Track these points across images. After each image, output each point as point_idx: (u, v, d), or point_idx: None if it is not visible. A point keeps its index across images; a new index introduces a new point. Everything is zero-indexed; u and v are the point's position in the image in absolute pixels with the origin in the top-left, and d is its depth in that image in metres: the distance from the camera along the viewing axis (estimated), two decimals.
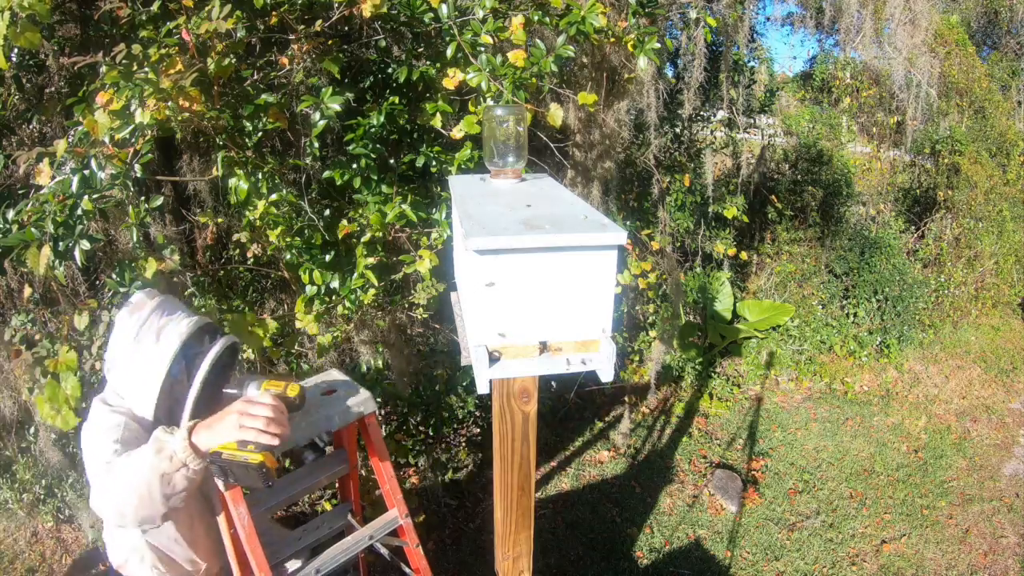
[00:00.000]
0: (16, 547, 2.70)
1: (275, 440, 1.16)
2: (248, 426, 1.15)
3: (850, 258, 5.22)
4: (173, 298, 1.50)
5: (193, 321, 1.42)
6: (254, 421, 1.16)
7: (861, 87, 6.20)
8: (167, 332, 1.38)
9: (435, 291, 2.37)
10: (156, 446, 1.15)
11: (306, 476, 1.45)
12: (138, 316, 1.40)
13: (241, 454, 1.13)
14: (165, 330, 1.38)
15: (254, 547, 1.19)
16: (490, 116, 1.51)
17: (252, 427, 1.15)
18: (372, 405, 1.34)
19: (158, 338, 1.37)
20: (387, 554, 1.50)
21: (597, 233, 1.10)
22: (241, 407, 1.17)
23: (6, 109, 2.19)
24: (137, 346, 1.38)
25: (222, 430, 1.17)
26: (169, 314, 1.42)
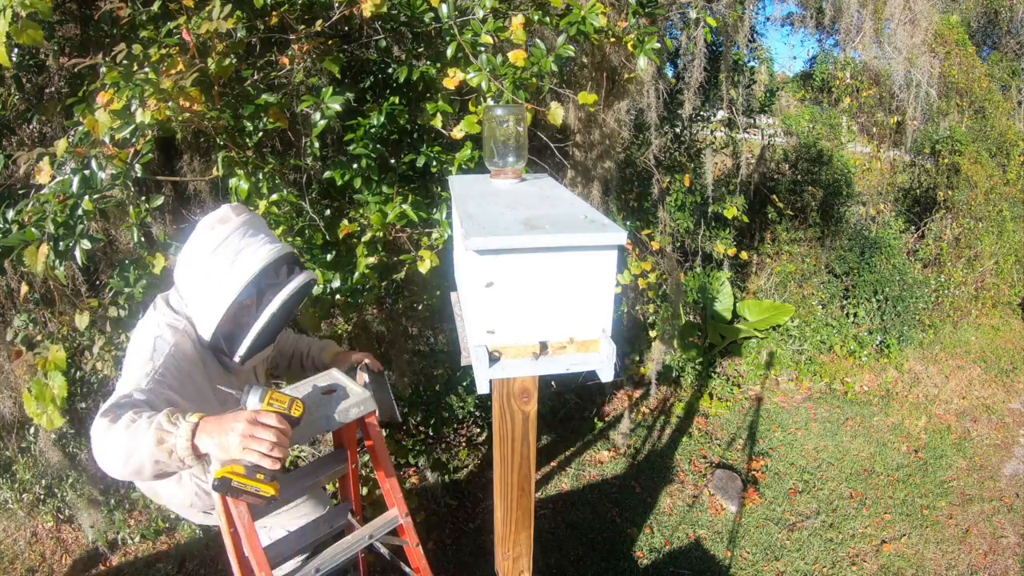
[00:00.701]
0: (16, 547, 2.70)
1: (277, 464, 1.12)
2: (252, 448, 1.10)
3: (850, 258, 5.22)
4: (259, 219, 1.45)
5: (274, 249, 1.37)
6: (259, 444, 1.11)
7: (861, 87, 6.20)
8: (245, 256, 1.33)
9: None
10: (158, 435, 1.11)
11: (306, 475, 1.45)
12: (220, 231, 1.36)
13: (252, 484, 1.10)
14: (243, 253, 1.34)
15: (254, 546, 1.19)
16: (490, 116, 1.51)
17: (256, 449, 1.10)
18: (372, 405, 1.34)
19: (234, 260, 1.33)
20: (387, 553, 1.50)
21: (597, 233, 1.10)
22: (245, 427, 1.11)
23: (6, 109, 2.19)
24: (212, 262, 1.34)
25: (225, 444, 1.11)
26: (251, 235, 1.37)
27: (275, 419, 1.14)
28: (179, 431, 1.12)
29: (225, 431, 1.12)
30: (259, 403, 1.16)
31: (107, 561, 2.67)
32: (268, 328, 1.40)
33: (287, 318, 1.57)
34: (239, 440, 1.10)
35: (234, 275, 1.33)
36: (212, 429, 1.13)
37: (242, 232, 1.36)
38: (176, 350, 1.34)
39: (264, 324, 1.37)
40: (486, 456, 3.29)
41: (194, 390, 1.37)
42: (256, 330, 1.37)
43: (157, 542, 2.75)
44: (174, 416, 1.14)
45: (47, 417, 1.74)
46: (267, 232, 1.44)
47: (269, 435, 1.11)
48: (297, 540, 1.45)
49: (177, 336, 1.36)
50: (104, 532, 2.71)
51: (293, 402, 1.17)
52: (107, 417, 1.16)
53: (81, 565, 2.65)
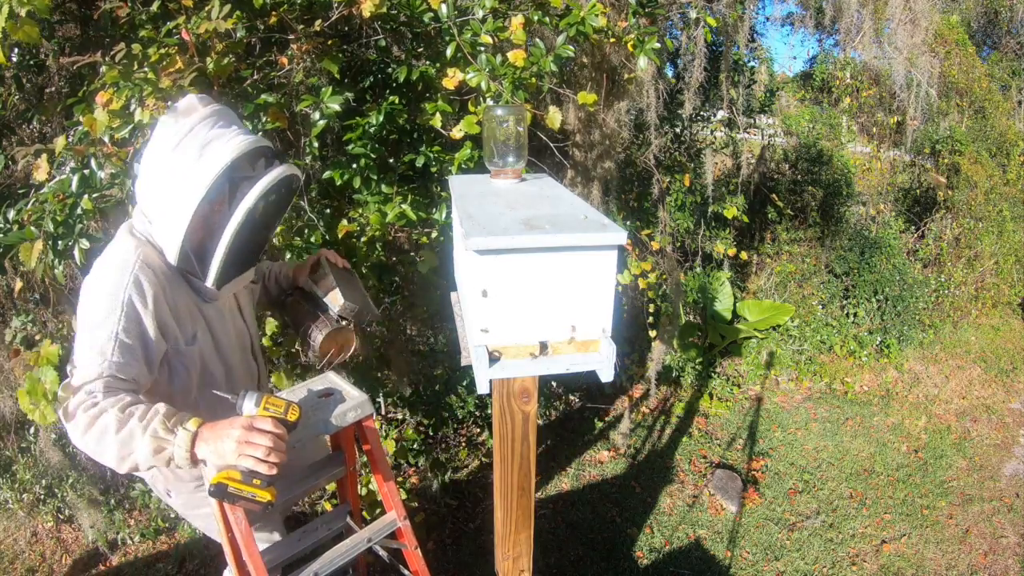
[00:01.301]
0: (16, 547, 2.70)
1: (274, 470, 1.11)
2: (248, 453, 1.09)
3: (850, 258, 5.22)
4: (230, 111, 1.26)
5: (249, 140, 1.18)
6: (254, 449, 1.09)
7: (861, 87, 6.20)
8: (214, 147, 1.15)
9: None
10: (155, 444, 1.09)
11: (305, 478, 1.45)
12: (184, 123, 1.17)
13: (248, 489, 1.09)
14: (212, 145, 1.15)
15: (251, 551, 1.19)
16: (490, 116, 1.51)
17: (252, 455, 1.09)
18: (369, 408, 1.34)
19: (202, 153, 1.15)
20: (386, 556, 1.50)
21: (597, 233, 1.10)
22: (241, 433, 1.10)
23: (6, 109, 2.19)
24: (176, 159, 1.15)
25: (221, 451, 1.10)
26: (222, 127, 1.19)
27: (271, 424, 1.12)
28: (177, 440, 1.10)
29: (221, 437, 1.10)
30: (255, 408, 1.15)
31: (107, 561, 2.67)
32: (243, 236, 1.20)
33: (268, 228, 1.37)
34: (235, 446, 1.09)
35: (201, 169, 1.14)
36: (208, 436, 1.11)
37: (211, 123, 1.17)
38: (137, 292, 1.18)
39: (238, 226, 1.16)
40: (486, 456, 3.29)
41: (171, 331, 1.26)
42: (229, 235, 1.17)
43: (157, 542, 2.75)
44: (171, 422, 1.11)
45: (39, 412, 1.73)
46: (240, 124, 1.26)
47: (265, 440, 1.09)
48: (295, 544, 1.45)
49: (138, 271, 1.19)
50: (104, 532, 2.70)
51: (289, 406, 1.17)
52: (88, 419, 1.09)
53: (81, 565, 2.65)
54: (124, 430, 1.09)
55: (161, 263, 1.24)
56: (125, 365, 1.16)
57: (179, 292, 1.28)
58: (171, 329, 1.27)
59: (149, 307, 1.20)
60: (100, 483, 2.80)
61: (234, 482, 1.09)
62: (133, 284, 1.18)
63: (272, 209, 1.32)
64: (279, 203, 1.34)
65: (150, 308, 1.20)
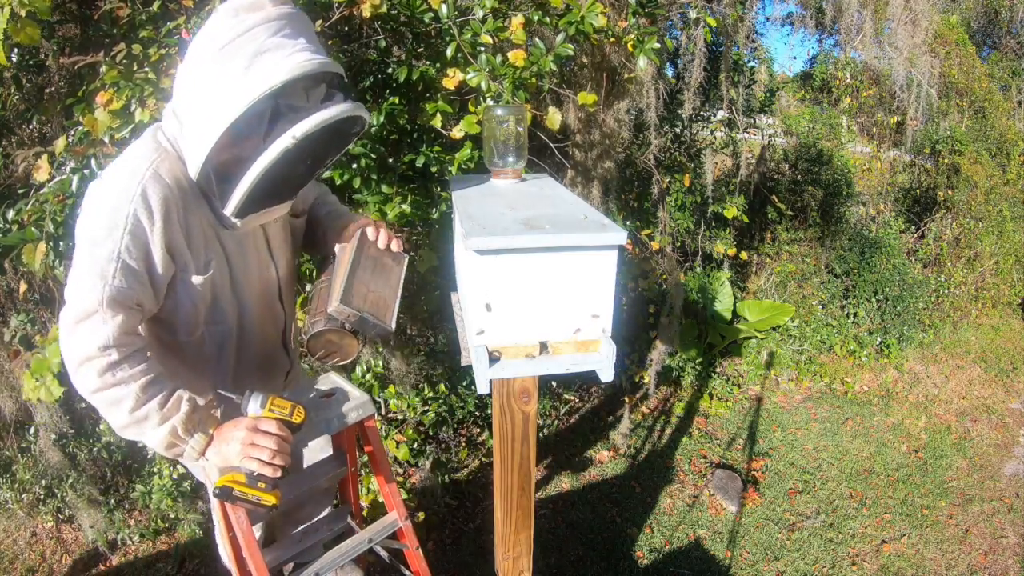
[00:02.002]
0: (16, 547, 2.70)
1: (279, 472, 1.09)
2: (252, 455, 1.07)
3: (850, 258, 5.22)
4: (305, 18, 1.05)
5: (312, 60, 0.96)
6: (259, 451, 1.07)
7: (861, 87, 6.20)
8: (267, 61, 0.95)
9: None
10: (169, 440, 1.07)
11: (306, 478, 1.45)
12: (244, 20, 0.96)
13: (252, 492, 1.09)
14: (266, 57, 0.95)
15: (253, 552, 1.19)
16: (490, 116, 1.51)
17: (257, 457, 1.07)
18: (370, 408, 1.34)
19: (251, 64, 0.95)
20: (387, 556, 1.50)
21: (597, 233, 1.10)
22: (246, 435, 1.08)
23: (6, 109, 2.19)
24: (220, 61, 0.96)
25: (226, 453, 1.09)
26: (286, 36, 0.98)
27: (276, 426, 1.11)
28: (192, 442, 1.10)
29: (226, 439, 1.10)
30: (260, 409, 1.14)
31: (107, 561, 2.67)
32: (276, 171, 1.02)
33: (314, 165, 1.16)
34: (239, 448, 1.08)
35: (244, 85, 0.95)
36: (217, 441, 1.11)
37: (274, 27, 0.97)
38: (144, 206, 1.02)
39: (269, 164, 0.98)
40: (486, 456, 3.29)
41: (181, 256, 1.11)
42: (256, 172, 0.99)
43: (157, 542, 2.75)
44: (191, 424, 1.09)
45: (45, 388, 1.70)
46: (310, 37, 1.03)
47: (270, 443, 1.08)
48: (296, 544, 1.45)
49: (148, 182, 1.03)
50: (104, 532, 2.70)
51: (295, 408, 1.16)
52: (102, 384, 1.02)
53: (81, 565, 2.65)
54: (140, 410, 1.06)
55: (181, 176, 1.08)
56: (128, 290, 1.04)
57: (197, 212, 1.12)
58: (181, 253, 1.11)
59: (157, 224, 1.04)
60: (100, 483, 2.80)
61: (239, 485, 1.08)
62: (140, 197, 1.02)
63: (320, 148, 1.11)
64: (332, 143, 1.12)
65: (158, 226, 1.04)
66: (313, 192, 1.48)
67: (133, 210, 1.02)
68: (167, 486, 2.75)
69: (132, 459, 2.88)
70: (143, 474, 2.84)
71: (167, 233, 1.06)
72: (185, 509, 2.74)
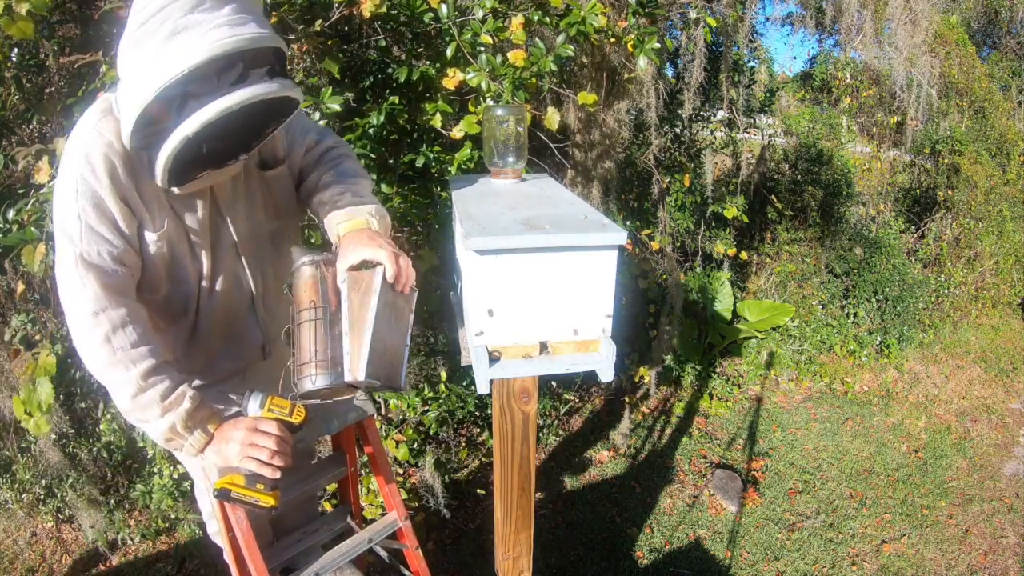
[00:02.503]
0: (16, 547, 2.70)
1: (278, 473, 1.09)
2: (251, 456, 1.07)
3: (850, 258, 5.22)
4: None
5: (229, 38, 0.90)
6: (258, 452, 1.07)
7: (861, 87, 6.20)
8: (180, 42, 0.90)
9: None
10: (168, 434, 1.08)
11: (306, 479, 1.45)
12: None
13: (251, 494, 1.09)
14: (180, 38, 0.90)
15: (252, 553, 1.19)
16: (490, 116, 1.51)
17: (256, 458, 1.07)
18: (370, 408, 1.34)
19: (166, 44, 0.91)
20: (387, 557, 1.50)
21: (597, 233, 1.10)
22: (245, 435, 1.08)
23: (6, 109, 2.19)
24: (138, 41, 0.93)
25: (225, 453, 1.09)
26: (206, 10, 0.92)
27: (275, 427, 1.11)
28: (192, 439, 1.10)
29: (226, 439, 1.09)
30: (259, 409, 1.13)
31: (107, 561, 2.67)
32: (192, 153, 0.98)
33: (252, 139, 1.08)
34: (239, 448, 1.08)
35: (157, 69, 0.91)
36: (217, 441, 1.11)
37: (192, 3, 0.91)
38: (88, 168, 1.03)
39: (175, 149, 0.95)
40: (486, 456, 3.28)
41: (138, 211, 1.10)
42: (163, 161, 0.97)
43: (157, 542, 2.75)
44: (193, 422, 1.09)
45: (34, 423, 1.74)
46: (243, 6, 0.96)
47: (269, 443, 1.08)
48: (296, 545, 1.45)
49: (89, 145, 1.04)
50: (104, 532, 2.70)
51: (295, 407, 1.15)
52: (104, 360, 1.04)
53: (81, 565, 2.65)
54: (142, 398, 1.06)
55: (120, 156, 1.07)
56: (97, 249, 1.05)
57: (143, 172, 1.09)
58: (136, 207, 1.10)
59: (103, 180, 1.05)
60: (100, 483, 2.80)
61: (237, 487, 1.08)
62: (84, 159, 1.04)
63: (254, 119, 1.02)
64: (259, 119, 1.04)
65: (104, 182, 1.05)
66: (302, 140, 1.33)
67: (80, 173, 1.03)
68: (167, 486, 2.75)
69: (132, 459, 2.88)
70: (143, 474, 2.84)
71: (116, 188, 1.06)
72: (185, 509, 2.74)
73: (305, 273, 1.11)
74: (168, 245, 1.17)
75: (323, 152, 1.35)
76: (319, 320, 1.08)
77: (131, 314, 1.07)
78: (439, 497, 2.77)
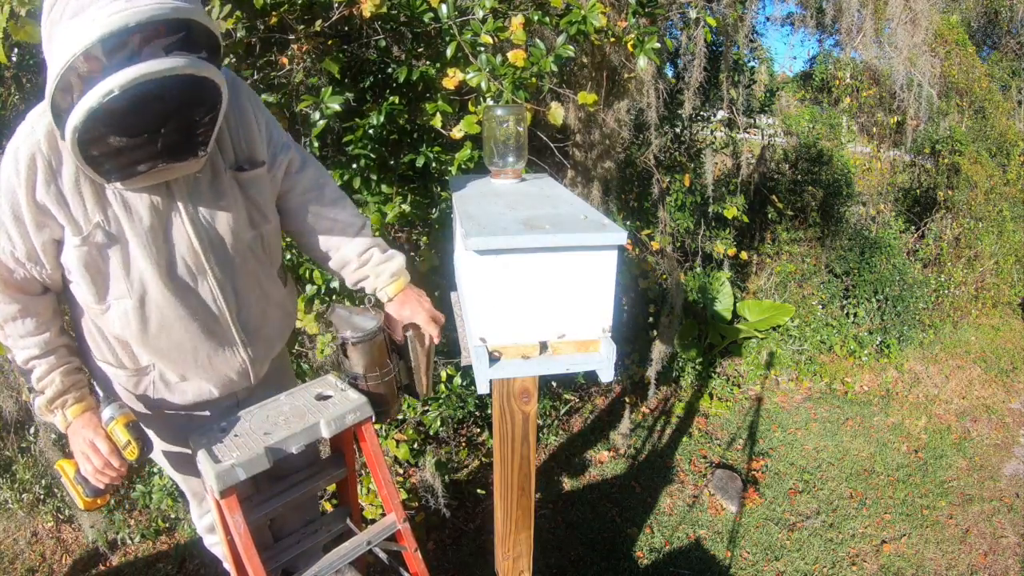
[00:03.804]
0: (16, 547, 2.70)
1: (100, 486, 1.21)
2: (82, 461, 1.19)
3: (850, 258, 5.22)
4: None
5: (123, 12, 0.85)
6: (87, 464, 1.19)
7: (861, 87, 6.20)
8: (76, 25, 0.87)
9: None
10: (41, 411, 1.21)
11: (304, 481, 1.45)
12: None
13: (72, 489, 1.23)
14: (78, 19, 0.87)
15: (251, 556, 1.18)
16: (490, 116, 1.51)
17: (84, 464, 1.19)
18: (368, 411, 1.34)
19: (68, 26, 0.88)
20: (386, 558, 1.50)
21: (597, 233, 1.10)
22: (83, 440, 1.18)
23: (6, 109, 2.19)
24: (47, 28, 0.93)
25: (72, 443, 1.20)
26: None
27: (108, 449, 1.17)
28: (56, 419, 1.22)
29: (75, 432, 1.20)
30: (106, 423, 1.20)
31: (107, 561, 2.67)
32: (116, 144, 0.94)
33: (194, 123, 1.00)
34: (77, 447, 1.19)
35: (56, 55, 0.89)
36: (74, 425, 1.20)
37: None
38: (13, 164, 1.03)
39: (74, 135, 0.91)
40: (486, 456, 3.28)
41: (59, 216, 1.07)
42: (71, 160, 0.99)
43: (157, 542, 2.75)
44: (54, 404, 1.20)
45: None
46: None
47: (97, 461, 1.17)
48: (295, 547, 1.45)
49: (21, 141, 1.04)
50: (104, 532, 2.70)
51: (129, 445, 1.19)
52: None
53: (81, 565, 2.65)
54: (24, 377, 1.21)
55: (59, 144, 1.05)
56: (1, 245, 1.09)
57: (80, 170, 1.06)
58: (58, 212, 1.07)
59: (21, 181, 1.03)
60: None
61: (67, 476, 1.22)
62: (12, 155, 1.03)
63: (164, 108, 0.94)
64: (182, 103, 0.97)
65: (22, 183, 1.03)
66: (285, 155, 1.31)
67: (5, 170, 1.05)
68: (167, 486, 2.75)
69: None
70: (143, 474, 2.84)
71: (30, 191, 1.04)
72: (185, 509, 2.74)
73: (379, 339, 1.37)
74: (97, 251, 1.11)
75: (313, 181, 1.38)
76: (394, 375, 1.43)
77: (24, 309, 1.16)
78: (439, 497, 2.77)
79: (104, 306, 1.18)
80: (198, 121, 1.01)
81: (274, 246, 1.37)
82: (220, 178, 1.20)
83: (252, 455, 1.15)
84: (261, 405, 1.32)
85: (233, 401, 1.41)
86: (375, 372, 1.38)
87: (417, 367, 1.44)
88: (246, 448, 1.17)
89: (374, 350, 1.37)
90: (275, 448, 1.19)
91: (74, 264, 1.12)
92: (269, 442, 1.19)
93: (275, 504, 1.37)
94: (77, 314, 1.27)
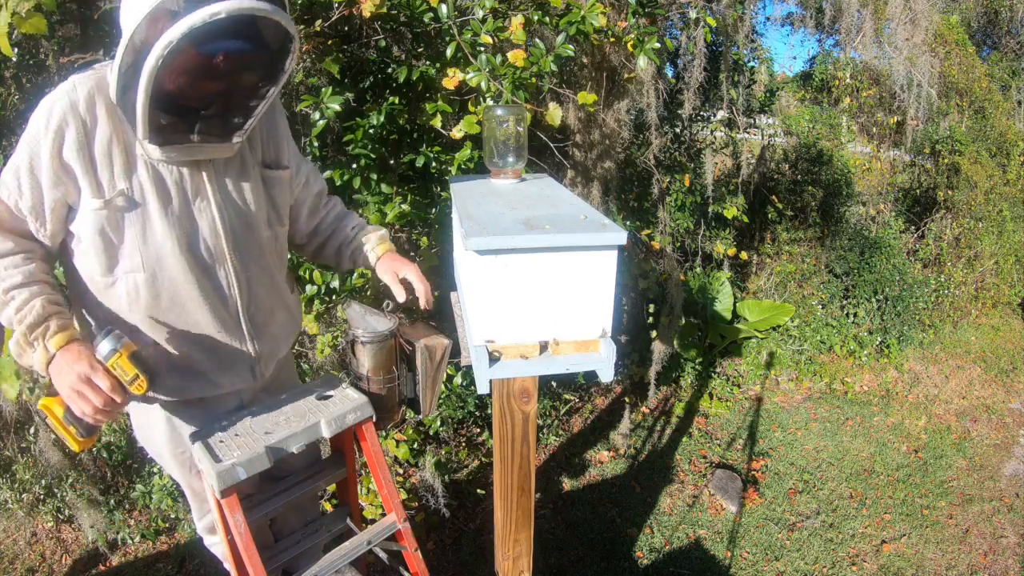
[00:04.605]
0: (16, 547, 2.70)
1: (97, 426, 1.08)
2: (76, 401, 1.03)
3: (850, 258, 5.22)
4: None
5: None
6: (84, 402, 1.02)
7: (861, 87, 6.20)
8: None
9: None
10: (17, 349, 1.07)
11: (304, 481, 1.45)
12: None
13: (63, 431, 1.08)
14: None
15: (251, 555, 1.19)
16: (490, 116, 1.51)
17: (79, 404, 1.03)
18: (368, 411, 1.34)
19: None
20: (386, 558, 1.50)
21: (597, 233, 1.10)
22: (77, 380, 1.02)
23: (6, 109, 2.19)
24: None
25: (60, 381, 1.04)
26: None
27: (109, 384, 1.04)
28: (36, 354, 1.07)
29: (62, 367, 1.05)
30: (107, 356, 1.06)
31: (107, 561, 2.67)
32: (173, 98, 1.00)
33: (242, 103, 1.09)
34: (69, 383, 1.03)
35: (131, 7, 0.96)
36: (59, 360, 1.06)
37: None
38: (45, 119, 1.05)
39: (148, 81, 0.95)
40: (486, 456, 3.28)
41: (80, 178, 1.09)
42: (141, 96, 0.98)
43: (157, 542, 2.75)
44: (34, 334, 1.06)
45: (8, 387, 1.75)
46: None
47: (96, 400, 1.03)
48: (295, 546, 1.45)
49: (60, 96, 1.06)
50: (104, 532, 2.70)
51: (138, 378, 1.07)
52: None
53: (81, 565, 2.65)
54: (5, 310, 1.08)
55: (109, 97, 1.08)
56: (8, 191, 1.08)
57: (118, 135, 1.09)
58: (84, 173, 1.09)
59: (49, 136, 1.05)
60: (100, 483, 2.80)
61: (55, 417, 1.07)
62: (47, 112, 1.06)
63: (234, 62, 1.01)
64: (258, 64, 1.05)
65: (49, 137, 1.05)
66: (304, 167, 1.41)
67: (35, 122, 1.06)
68: (167, 486, 2.75)
69: (132, 459, 2.88)
70: (143, 474, 2.84)
71: (56, 146, 1.06)
72: (185, 509, 2.74)
73: (389, 343, 1.39)
74: (115, 219, 1.12)
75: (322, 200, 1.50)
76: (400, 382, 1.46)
77: (16, 247, 1.10)
78: (439, 497, 2.77)
79: (111, 279, 1.16)
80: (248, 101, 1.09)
81: (284, 250, 1.43)
82: (248, 171, 1.25)
83: (253, 454, 1.15)
84: (262, 405, 1.32)
85: (238, 402, 1.40)
86: (379, 375, 1.39)
87: (424, 381, 1.44)
88: (247, 447, 1.17)
89: (382, 353, 1.38)
90: (276, 447, 1.19)
91: (88, 230, 1.11)
92: (270, 441, 1.19)
93: (275, 504, 1.37)
94: (75, 294, 1.22)
